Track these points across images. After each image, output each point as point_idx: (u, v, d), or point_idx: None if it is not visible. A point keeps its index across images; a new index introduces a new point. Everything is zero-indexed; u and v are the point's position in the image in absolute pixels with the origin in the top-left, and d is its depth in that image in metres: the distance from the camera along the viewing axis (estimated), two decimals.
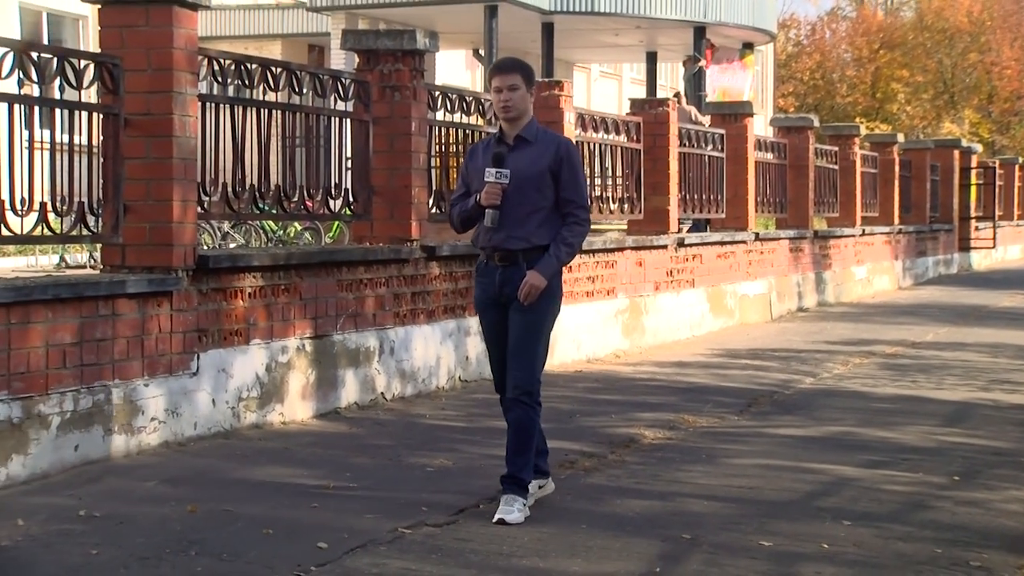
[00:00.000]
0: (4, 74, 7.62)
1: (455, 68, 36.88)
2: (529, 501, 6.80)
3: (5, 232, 7.73)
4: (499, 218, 6.73)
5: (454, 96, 11.94)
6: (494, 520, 6.60)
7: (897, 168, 26.00)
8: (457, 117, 11.89)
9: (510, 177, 6.69)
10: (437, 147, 11.68)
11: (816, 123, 21.44)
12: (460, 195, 7.05)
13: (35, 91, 7.94)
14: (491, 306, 6.95)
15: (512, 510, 6.64)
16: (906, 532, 6.75)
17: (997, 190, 34.19)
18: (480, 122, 12.22)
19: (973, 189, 32.07)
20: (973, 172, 32.17)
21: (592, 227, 15.23)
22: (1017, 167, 39.07)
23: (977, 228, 32.37)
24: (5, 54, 7.66)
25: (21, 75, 7.74)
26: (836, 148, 22.78)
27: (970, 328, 17.71)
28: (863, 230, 23.50)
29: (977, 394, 11.70)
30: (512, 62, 6.98)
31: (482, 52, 31.94)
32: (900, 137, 27.92)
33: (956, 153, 30.67)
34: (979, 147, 36.12)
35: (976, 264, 32.24)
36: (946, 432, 9.79)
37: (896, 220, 25.76)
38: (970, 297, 23.24)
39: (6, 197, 7.69)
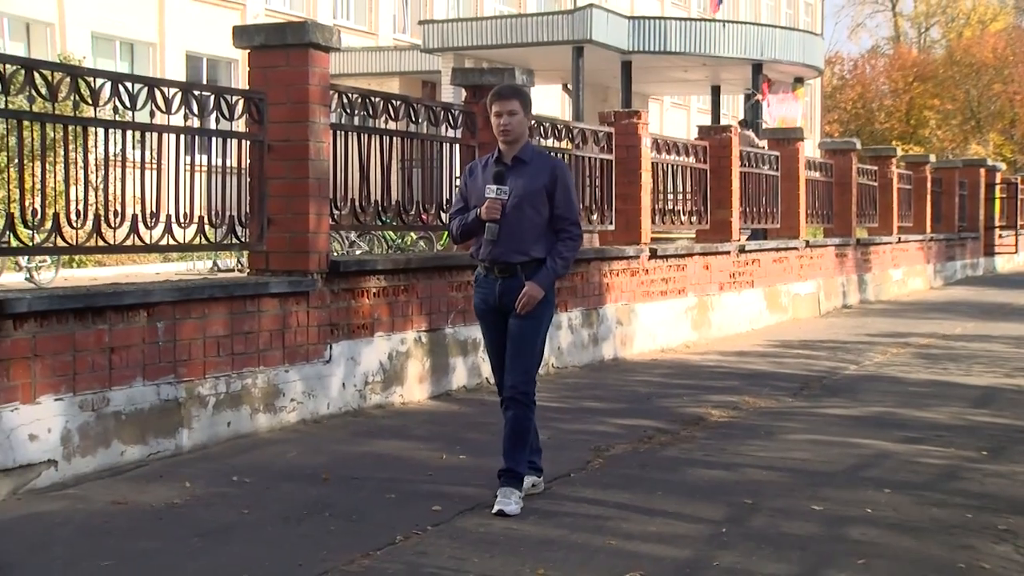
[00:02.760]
0: (173, 109, 7.73)
1: (548, 100, 36.92)
2: (521, 494, 6.31)
3: (172, 241, 7.86)
4: (498, 232, 6.28)
5: (547, 124, 11.95)
6: (493, 511, 6.13)
7: (929, 184, 25.69)
8: (550, 143, 11.88)
9: (509, 194, 6.28)
10: None
11: (858, 146, 21.21)
12: (458, 209, 6.60)
13: (195, 123, 8.04)
14: (491, 313, 6.47)
15: (510, 502, 6.18)
16: (940, 499, 6.67)
17: (1019, 203, 33.70)
18: (569, 146, 12.20)
19: (997, 202, 31.61)
20: (997, 187, 31.72)
21: (664, 236, 15.30)
22: None
23: (1001, 236, 31.89)
24: (175, 94, 7.78)
25: (186, 110, 7.86)
26: (875, 168, 22.53)
27: (995, 323, 17.41)
28: (899, 238, 23.22)
29: (1002, 380, 11.49)
30: (511, 89, 6.54)
31: (571, 86, 31.98)
32: (932, 158, 27.58)
33: (982, 171, 30.24)
34: (1003, 165, 35.59)
35: (1000, 267, 31.73)
36: (975, 413, 9.63)
37: (928, 229, 25.43)
38: (995, 296, 22.87)
39: (172, 212, 7.81)
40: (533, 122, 11.49)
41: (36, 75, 6.87)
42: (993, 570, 5.41)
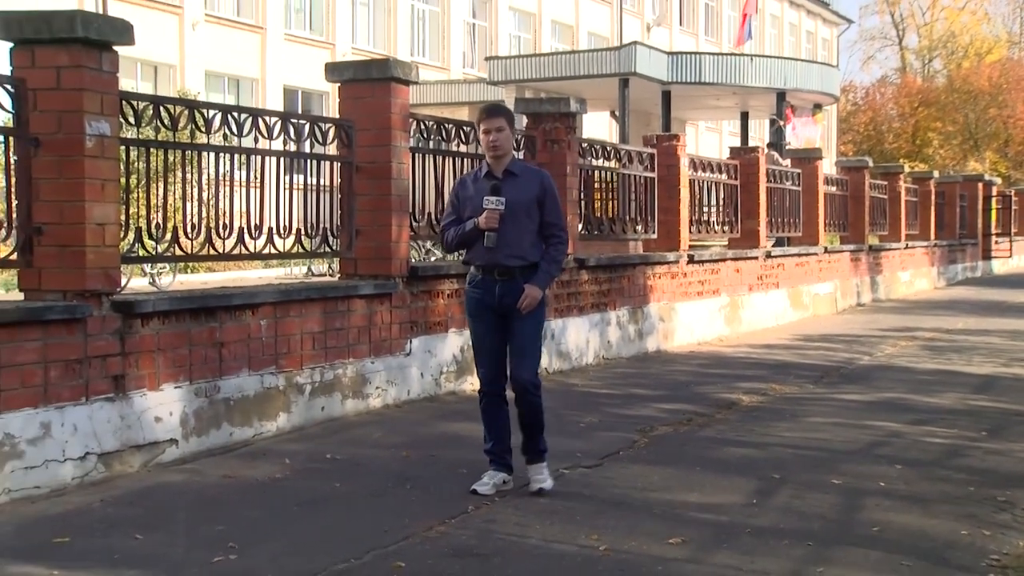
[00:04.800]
0: (274, 135, 7.78)
1: (598, 125, 36.83)
2: (492, 490, 5.97)
3: (273, 250, 7.90)
4: (496, 239, 5.96)
5: (597, 147, 11.92)
6: (533, 491, 5.96)
7: (933, 197, 25.38)
8: (600, 162, 11.85)
9: (504, 204, 5.97)
10: (590, 184, 11.61)
11: (870, 164, 21.00)
12: (451, 221, 6.18)
13: (292, 147, 8.08)
14: (486, 312, 6.10)
15: (545, 478, 6.04)
16: (946, 474, 6.60)
17: (1013, 212, 33.32)
18: (617, 165, 12.16)
19: (994, 212, 31.21)
20: (994, 199, 31.31)
21: (700, 243, 15.23)
22: None
23: (997, 242, 31.46)
24: (275, 122, 7.83)
25: (285, 136, 7.91)
26: (885, 182, 22.28)
27: (993, 318, 17.15)
28: (907, 244, 22.95)
29: (1000, 369, 11.32)
30: (497, 108, 6.14)
31: (617, 113, 31.91)
32: (935, 173, 27.22)
33: (980, 185, 29.85)
34: (998, 180, 35.10)
35: (996, 270, 31.28)
36: (976, 398, 9.50)
37: (932, 236, 25.12)
38: (992, 295, 22.54)
39: (273, 225, 7.85)
40: (585, 144, 11.50)
41: (162, 109, 6.95)
42: (993, 536, 5.34)
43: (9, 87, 6.08)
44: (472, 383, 9.32)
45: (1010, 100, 63.28)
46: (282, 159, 7.95)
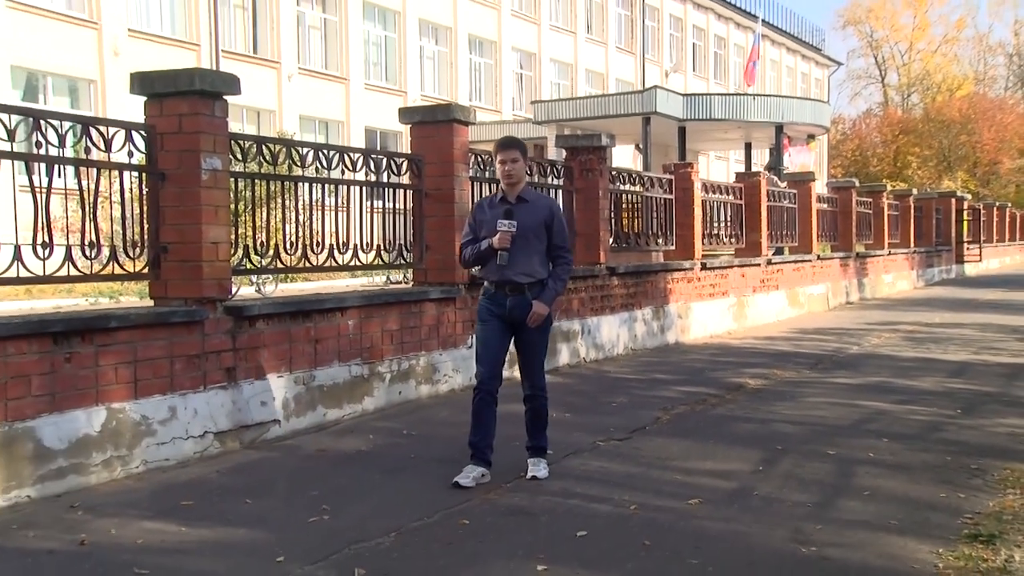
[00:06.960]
0: (357, 168, 7.85)
1: (624, 156, 36.75)
2: (472, 483, 5.53)
3: (357, 263, 7.96)
4: (508, 258, 5.66)
5: (624, 174, 11.88)
6: (527, 478, 5.65)
7: (912, 211, 25.04)
8: (626, 187, 11.81)
9: (516, 227, 5.67)
10: (619, 205, 11.59)
11: (856, 184, 20.76)
12: (469, 240, 5.84)
13: (373, 178, 8.14)
14: (495, 318, 5.76)
15: (540, 468, 5.73)
16: (926, 446, 6.51)
17: (981, 223, 32.87)
18: (641, 189, 12.12)
19: (965, 223, 30.77)
20: (965, 212, 30.88)
21: (711, 253, 15.15)
22: (995, 208, 37.57)
23: (968, 248, 30.99)
24: (358, 157, 7.89)
25: (366, 168, 7.97)
26: (870, 199, 21.99)
27: (966, 313, 16.86)
28: (889, 251, 22.64)
29: (972, 356, 11.13)
30: (512, 141, 5.79)
31: (641, 146, 31.82)
32: (914, 191, 26.84)
33: (953, 200, 29.45)
34: (969, 196, 34.53)
35: (968, 272, 30.78)
36: (951, 381, 9.35)
37: (912, 244, 24.77)
38: (965, 293, 22.17)
39: (358, 242, 7.91)
40: (614, 172, 11.48)
41: (264, 147, 7.03)
42: (967, 498, 5.28)
43: (143, 132, 6.21)
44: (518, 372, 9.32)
45: (977, 128, 62.45)
46: (364, 188, 8.01)
